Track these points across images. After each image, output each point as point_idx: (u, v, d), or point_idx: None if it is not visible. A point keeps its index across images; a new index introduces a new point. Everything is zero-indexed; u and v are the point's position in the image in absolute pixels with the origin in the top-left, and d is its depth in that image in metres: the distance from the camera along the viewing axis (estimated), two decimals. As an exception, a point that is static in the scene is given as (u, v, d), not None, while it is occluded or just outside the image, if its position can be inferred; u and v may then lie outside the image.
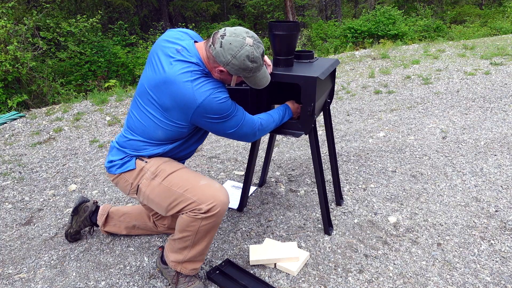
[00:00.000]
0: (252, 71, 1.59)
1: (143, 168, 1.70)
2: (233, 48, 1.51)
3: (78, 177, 3.13)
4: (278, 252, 1.97)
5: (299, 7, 18.64)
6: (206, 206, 1.57)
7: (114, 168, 1.75)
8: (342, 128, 3.96)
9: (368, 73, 5.89)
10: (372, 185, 2.71)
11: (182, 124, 1.62)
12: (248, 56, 1.53)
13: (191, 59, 1.56)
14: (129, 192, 1.77)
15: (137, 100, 1.70)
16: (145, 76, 1.66)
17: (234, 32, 1.54)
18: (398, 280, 1.85)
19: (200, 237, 1.66)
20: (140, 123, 1.69)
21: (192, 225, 1.61)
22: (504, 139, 3.32)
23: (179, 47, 1.58)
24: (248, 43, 1.53)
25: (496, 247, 2.05)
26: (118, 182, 1.78)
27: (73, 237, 2.20)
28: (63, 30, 8.73)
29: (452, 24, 14.85)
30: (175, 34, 1.66)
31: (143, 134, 1.69)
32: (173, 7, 15.41)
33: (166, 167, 1.69)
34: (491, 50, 6.55)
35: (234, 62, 1.53)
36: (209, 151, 3.52)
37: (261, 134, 1.79)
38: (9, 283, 1.94)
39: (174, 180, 1.65)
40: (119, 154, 1.75)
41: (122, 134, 1.79)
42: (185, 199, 1.60)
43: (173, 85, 1.53)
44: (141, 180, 1.70)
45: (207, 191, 1.60)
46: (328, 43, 12.54)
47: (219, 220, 1.64)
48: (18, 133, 4.21)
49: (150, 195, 1.69)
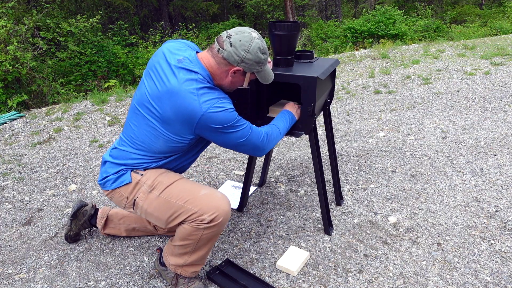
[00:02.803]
0: (263, 63, 1.60)
1: (139, 181, 1.64)
2: (244, 43, 1.52)
3: (78, 177, 3.13)
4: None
5: (299, 7, 18.64)
6: (209, 216, 1.55)
7: (109, 183, 1.68)
8: (342, 128, 3.96)
9: (368, 73, 5.89)
10: (372, 185, 2.71)
11: (184, 136, 1.57)
12: (260, 48, 1.55)
13: (194, 69, 1.53)
14: (124, 207, 1.71)
15: (137, 110, 1.64)
16: (146, 86, 1.61)
17: (239, 30, 1.55)
18: (398, 280, 1.85)
19: (201, 244, 1.64)
20: (140, 133, 1.62)
21: (194, 234, 1.59)
22: (504, 139, 3.32)
23: (181, 57, 1.56)
24: (255, 37, 1.55)
25: (496, 247, 2.05)
26: (113, 196, 1.71)
27: (73, 238, 2.20)
28: (63, 30, 8.73)
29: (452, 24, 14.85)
30: (176, 45, 1.64)
31: (142, 144, 1.63)
32: (173, 7, 15.41)
33: (163, 179, 1.64)
34: (491, 50, 6.55)
35: (249, 56, 1.53)
36: (209, 151, 3.52)
37: (270, 145, 1.71)
38: (9, 283, 1.94)
39: (173, 192, 1.61)
40: (112, 167, 1.68)
41: (115, 146, 1.73)
42: (186, 210, 1.57)
43: (177, 95, 1.49)
44: (137, 194, 1.64)
45: (208, 201, 1.57)
46: (328, 43, 12.54)
47: (221, 229, 1.61)
48: (18, 133, 4.21)
49: (148, 209, 1.64)
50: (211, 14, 16.50)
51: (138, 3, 15.24)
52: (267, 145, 1.68)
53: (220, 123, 1.50)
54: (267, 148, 1.69)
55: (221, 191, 2.70)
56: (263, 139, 1.66)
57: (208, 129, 1.52)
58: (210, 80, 1.57)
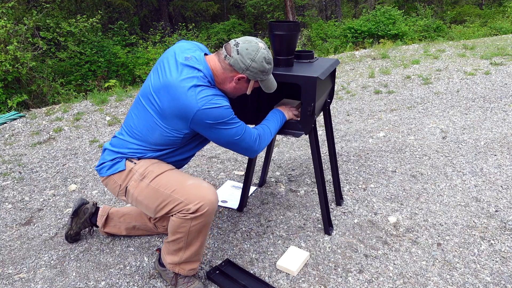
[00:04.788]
0: (267, 73, 1.66)
1: (132, 169, 1.70)
2: (251, 52, 1.59)
3: (78, 177, 3.13)
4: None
5: (299, 7, 18.64)
6: (194, 206, 1.57)
7: (104, 169, 1.74)
8: (342, 128, 3.96)
9: (368, 73, 5.89)
10: (372, 185, 2.71)
11: (179, 131, 1.63)
12: (265, 58, 1.61)
13: (198, 67, 1.60)
14: (118, 194, 1.76)
15: (139, 101, 1.71)
16: (151, 79, 1.68)
17: (247, 40, 1.62)
18: (398, 280, 1.85)
19: (192, 238, 1.66)
20: (138, 122, 1.69)
21: (182, 226, 1.61)
22: (504, 139, 3.32)
23: (189, 56, 1.64)
24: (262, 47, 1.62)
25: (496, 247, 2.05)
26: (108, 183, 1.77)
27: (73, 238, 2.20)
28: (63, 30, 8.73)
29: (452, 24, 14.85)
30: (187, 45, 1.72)
31: (139, 134, 1.70)
32: (173, 7, 15.42)
33: (154, 168, 1.69)
34: (491, 50, 6.56)
35: (254, 65, 1.60)
36: (209, 151, 3.52)
37: (262, 146, 1.75)
38: (9, 283, 1.94)
39: (162, 181, 1.65)
40: (110, 155, 1.75)
41: (116, 135, 1.80)
42: (173, 199, 1.60)
43: (175, 90, 1.55)
44: (129, 182, 1.70)
45: (194, 191, 1.60)
46: (328, 43, 12.53)
47: (209, 219, 1.63)
48: (18, 133, 4.21)
49: (138, 196, 1.68)
50: (211, 14, 16.51)
51: (138, 3, 15.23)
52: (258, 147, 1.73)
53: (214, 119, 1.55)
54: (259, 149, 1.74)
55: (221, 191, 2.71)
56: (255, 140, 1.71)
57: (202, 125, 1.57)
58: (211, 80, 1.63)
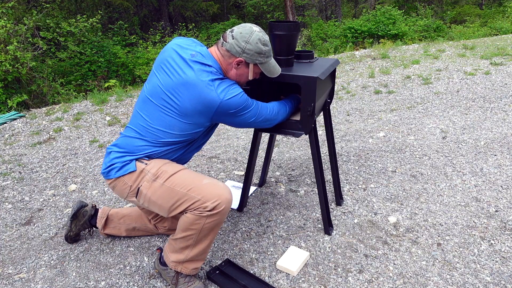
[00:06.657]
0: (266, 55, 1.69)
1: (144, 170, 1.69)
2: (245, 35, 1.64)
3: (78, 177, 3.13)
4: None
5: (299, 7, 18.64)
6: (212, 203, 1.58)
7: (113, 171, 1.71)
8: (342, 128, 3.96)
9: (368, 73, 5.89)
10: (372, 185, 2.71)
11: (202, 125, 1.68)
12: (260, 39, 1.65)
13: (207, 62, 1.64)
14: (127, 196, 1.74)
15: (149, 101, 1.70)
16: (158, 78, 1.68)
17: (242, 25, 1.68)
18: (398, 280, 1.85)
19: (203, 235, 1.66)
20: (152, 121, 1.68)
21: (196, 223, 1.61)
22: (504, 139, 3.32)
23: (193, 52, 1.66)
24: (256, 30, 1.67)
25: (496, 247, 2.05)
26: (116, 185, 1.74)
27: (73, 239, 2.20)
28: (63, 30, 8.73)
29: (452, 24, 14.85)
30: (185, 41, 1.74)
31: (150, 132, 1.69)
32: (173, 7, 15.41)
33: (167, 168, 1.69)
34: (491, 50, 6.55)
35: (249, 47, 1.64)
36: (209, 151, 3.52)
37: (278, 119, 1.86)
38: (9, 283, 1.94)
39: (177, 180, 1.65)
40: (118, 156, 1.72)
41: (123, 135, 1.78)
42: (189, 198, 1.61)
43: (195, 87, 1.59)
44: (141, 182, 1.68)
45: (211, 189, 1.62)
46: (328, 43, 12.54)
47: (223, 217, 1.64)
48: (18, 133, 4.21)
49: (152, 197, 1.67)
50: (211, 14, 16.51)
51: (138, 3, 15.23)
52: (275, 117, 1.84)
53: (235, 108, 1.64)
54: (275, 120, 1.85)
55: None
56: (271, 112, 1.81)
57: (225, 115, 1.65)
58: (221, 72, 1.69)
